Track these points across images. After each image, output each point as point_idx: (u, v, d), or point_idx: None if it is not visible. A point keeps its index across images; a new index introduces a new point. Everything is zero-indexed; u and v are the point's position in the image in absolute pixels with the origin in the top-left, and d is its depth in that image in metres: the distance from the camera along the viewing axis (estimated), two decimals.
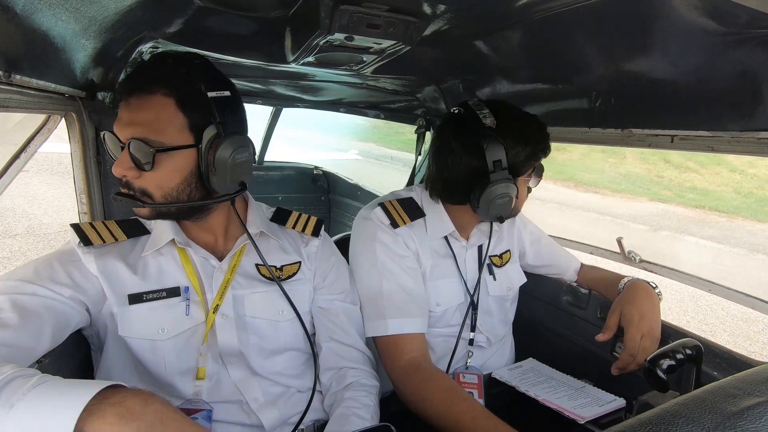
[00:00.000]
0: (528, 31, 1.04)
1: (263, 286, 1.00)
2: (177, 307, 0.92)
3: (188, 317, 0.93)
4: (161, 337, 0.90)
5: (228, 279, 0.96)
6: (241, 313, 0.97)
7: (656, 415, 0.44)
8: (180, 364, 0.91)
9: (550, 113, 1.41)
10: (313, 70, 1.38)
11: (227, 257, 0.98)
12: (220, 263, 0.97)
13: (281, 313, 1.00)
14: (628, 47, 0.99)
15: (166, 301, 0.92)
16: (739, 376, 0.50)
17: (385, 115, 2.31)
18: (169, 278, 0.94)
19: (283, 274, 1.03)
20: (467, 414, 0.94)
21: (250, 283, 1.00)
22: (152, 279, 0.93)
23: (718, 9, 0.75)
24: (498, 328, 1.33)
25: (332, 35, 0.97)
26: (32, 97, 0.88)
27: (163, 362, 0.90)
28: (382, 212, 1.20)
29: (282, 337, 1.00)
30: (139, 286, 0.91)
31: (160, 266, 0.94)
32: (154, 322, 0.90)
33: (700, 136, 1.06)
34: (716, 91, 0.95)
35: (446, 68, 1.47)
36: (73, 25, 0.86)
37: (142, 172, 0.85)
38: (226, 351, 0.94)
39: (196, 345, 0.93)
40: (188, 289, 0.94)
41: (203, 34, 1.12)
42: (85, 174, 1.20)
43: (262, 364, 0.97)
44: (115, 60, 1.15)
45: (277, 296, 1.00)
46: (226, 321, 0.95)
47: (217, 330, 0.94)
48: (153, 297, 0.91)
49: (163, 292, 0.92)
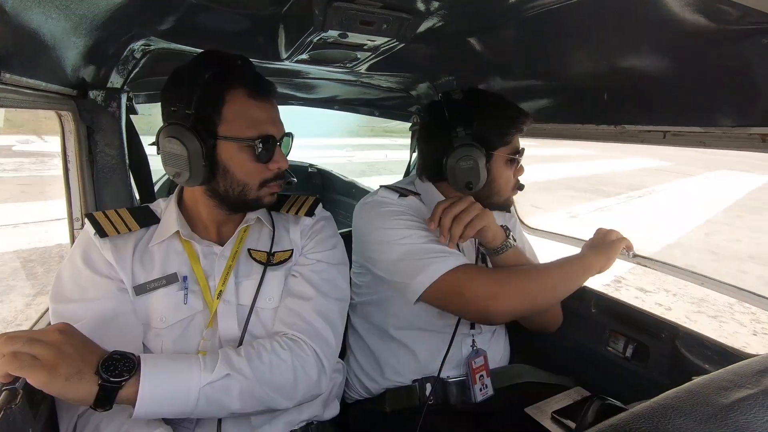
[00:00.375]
0: (521, 28, 1.04)
1: (254, 273, 1.01)
2: (175, 295, 0.94)
3: (186, 306, 0.94)
4: (161, 325, 0.92)
5: (230, 265, 0.98)
6: (240, 300, 0.98)
7: (649, 408, 0.44)
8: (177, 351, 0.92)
9: (543, 110, 1.41)
10: (307, 67, 1.38)
11: (228, 243, 1.00)
12: (222, 249, 0.99)
13: (269, 300, 1.00)
14: (621, 44, 1.00)
15: (165, 289, 0.93)
16: (731, 368, 0.51)
17: (380, 112, 2.31)
18: (171, 266, 0.96)
19: (274, 259, 1.04)
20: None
21: (246, 269, 1.01)
22: (156, 269, 0.95)
23: (709, 5, 0.75)
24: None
25: (326, 32, 0.97)
26: (24, 96, 0.87)
27: (161, 349, 0.91)
28: (385, 191, 1.23)
29: (269, 325, 0.98)
30: (144, 277, 0.93)
31: (164, 256, 0.96)
32: (156, 311, 0.92)
33: (692, 132, 1.06)
34: (708, 87, 0.96)
35: (440, 65, 1.47)
36: (63, 23, 0.85)
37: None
38: (226, 337, 0.95)
39: (192, 333, 0.93)
40: (186, 279, 0.95)
41: (195, 31, 1.12)
42: (79, 172, 1.19)
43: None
44: (107, 58, 1.13)
45: (265, 282, 1.00)
46: (227, 307, 0.96)
47: (219, 316, 0.95)
48: (155, 286, 0.93)
49: (163, 279, 0.94)
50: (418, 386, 1.20)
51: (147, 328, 0.92)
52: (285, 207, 1.12)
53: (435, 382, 1.19)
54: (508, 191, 1.24)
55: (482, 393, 1.21)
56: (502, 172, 1.20)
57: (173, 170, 0.93)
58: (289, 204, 1.13)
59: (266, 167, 0.96)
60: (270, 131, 0.94)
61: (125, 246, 0.94)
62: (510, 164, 1.21)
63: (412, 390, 1.20)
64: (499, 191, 1.22)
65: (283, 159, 0.97)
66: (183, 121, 0.89)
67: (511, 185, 1.24)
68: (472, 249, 1.30)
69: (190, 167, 0.90)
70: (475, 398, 1.19)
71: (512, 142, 1.19)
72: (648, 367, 1.26)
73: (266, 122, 0.94)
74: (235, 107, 0.91)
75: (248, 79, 0.93)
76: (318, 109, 2.42)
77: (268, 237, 1.07)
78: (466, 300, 1.04)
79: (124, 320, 0.90)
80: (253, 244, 1.04)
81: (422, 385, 1.20)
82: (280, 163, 0.96)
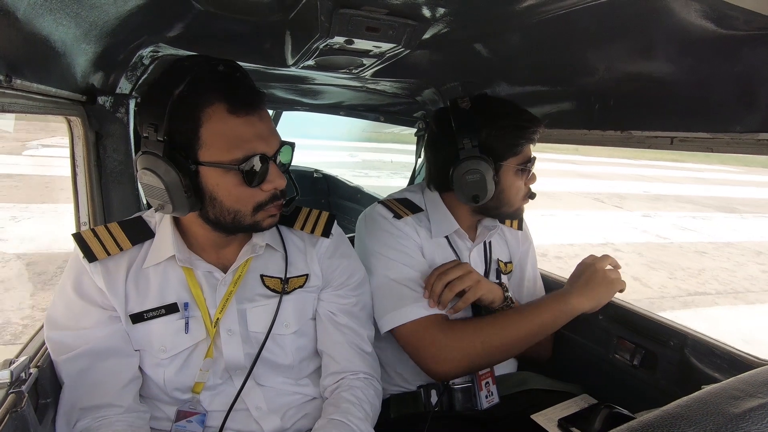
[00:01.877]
0: (527, 33, 1.04)
1: (266, 299, 0.97)
2: (175, 324, 0.90)
3: (188, 335, 0.90)
4: (162, 356, 0.90)
5: (231, 291, 0.93)
6: (246, 328, 0.95)
7: (658, 417, 0.43)
8: (178, 380, 0.91)
9: (549, 115, 1.41)
10: (313, 73, 1.39)
11: (231, 270, 0.94)
12: (224, 276, 0.94)
13: (285, 326, 0.97)
14: (627, 49, 0.99)
15: (165, 319, 0.90)
16: (742, 377, 0.50)
17: (385, 117, 2.31)
18: (170, 294, 0.91)
19: (288, 286, 0.98)
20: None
21: (254, 296, 0.96)
22: (153, 295, 0.90)
23: (715, 10, 0.75)
24: None
25: (332, 38, 0.97)
26: (34, 101, 0.89)
27: (162, 378, 0.90)
28: (382, 208, 1.22)
29: (287, 349, 0.98)
30: (140, 305, 0.90)
31: (161, 281, 0.91)
32: (155, 341, 0.90)
33: (699, 138, 1.06)
34: (715, 92, 0.95)
35: (445, 71, 1.48)
36: (74, 30, 0.87)
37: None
38: (232, 365, 0.93)
39: (195, 362, 0.92)
40: (188, 305, 0.91)
41: (203, 37, 1.13)
42: (87, 178, 1.21)
43: (267, 375, 0.96)
44: (116, 64, 1.15)
45: (280, 309, 0.96)
46: (231, 336, 0.93)
47: (223, 345, 0.92)
48: (153, 315, 0.90)
49: (162, 309, 0.90)
50: (424, 392, 1.19)
51: (146, 356, 0.90)
52: (298, 223, 1.04)
53: (441, 388, 1.18)
54: (518, 201, 1.22)
55: (488, 400, 1.20)
56: (512, 183, 1.17)
57: (156, 202, 0.83)
58: (302, 219, 1.05)
59: (259, 190, 0.84)
60: (259, 149, 0.81)
61: (117, 269, 0.89)
62: (521, 174, 1.18)
63: (417, 396, 1.19)
64: (509, 201, 1.20)
65: (278, 178, 0.85)
66: (155, 149, 0.78)
67: (522, 195, 1.21)
68: (481, 259, 1.29)
69: (171, 200, 0.80)
70: (480, 405, 1.18)
71: (523, 151, 1.16)
72: (656, 376, 1.24)
73: (253, 139, 0.81)
74: (214, 127, 0.78)
75: (228, 90, 0.79)
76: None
77: (281, 259, 0.99)
78: (417, 355, 1.09)
79: (117, 349, 0.88)
80: (264, 269, 0.97)
81: (428, 391, 1.19)
82: (275, 182, 0.84)
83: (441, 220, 1.23)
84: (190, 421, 0.91)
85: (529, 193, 1.23)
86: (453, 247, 1.24)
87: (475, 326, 1.09)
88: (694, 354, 1.15)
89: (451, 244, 1.24)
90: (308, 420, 0.99)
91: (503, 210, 1.21)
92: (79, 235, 0.88)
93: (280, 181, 0.85)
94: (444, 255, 1.22)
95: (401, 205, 1.24)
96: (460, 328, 1.09)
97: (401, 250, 1.15)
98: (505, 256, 1.37)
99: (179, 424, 0.91)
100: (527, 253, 1.43)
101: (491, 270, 1.30)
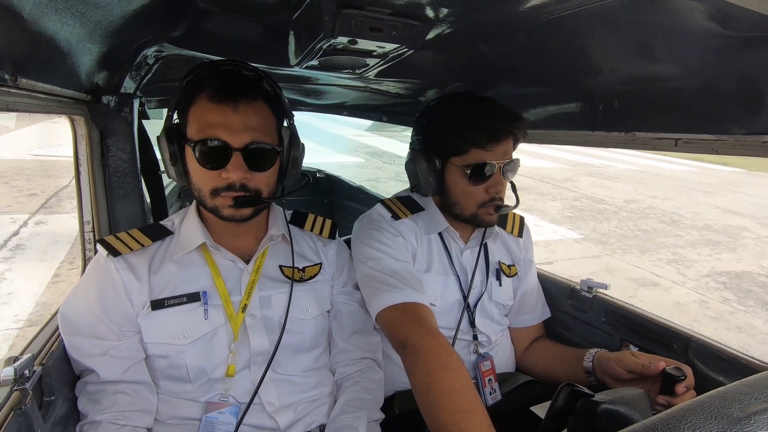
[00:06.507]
0: (531, 34, 1.04)
1: (286, 287, 1.03)
2: (196, 311, 0.95)
3: (207, 321, 0.95)
4: (182, 341, 0.93)
5: (253, 280, 1.00)
6: (269, 314, 1.00)
7: (661, 421, 0.43)
8: (203, 365, 0.93)
9: (553, 116, 1.40)
10: (317, 73, 1.39)
11: (253, 259, 1.02)
12: (247, 266, 1.01)
13: (306, 311, 1.05)
14: (631, 51, 0.99)
15: (186, 306, 0.94)
16: (746, 381, 0.50)
17: (388, 118, 2.31)
18: (193, 283, 0.97)
19: (306, 275, 1.08)
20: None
21: (274, 284, 1.03)
22: (176, 284, 0.96)
23: (721, 12, 0.74)
24: (498, 331, 1.33)
25: (335, 39, 0.97)
26: (39, 100, 0.89)
27: (185, 365, 0.93)
28: (382, 207, 1.25)
29: (309, 333, 1.04)
30: (163, 292, 0.94)
31: (186, 270, 0.97)
32: (175, 327, 0.93)
33: (704, 140, 1.05)
34: (720, 94, 0.95)
35: (449, 72, 1.47)
36: (78, 30, 0.87)
37: (254, 173, 0.92)
38: (256, 351, 0.97)
39: (218, 346, 0.95)
40: (206, 294, 0.96)
41: (207, 37, 1.13)
42: (91, 177, 1.21)
43: (288, 362, 1.00)
44: (121, 63, 1.15)
45: (301, 295, 1.04)
46: (255, 321, 0.98)
47: (249, 330, 0.97)
48: (174, 302, 0.94)
49: (184, 297, 0.95)
50: None
51: (167, 345, 0.93)
52: (308, 225, 1.16)
53: None
54: (471, 206, 1.17)
55: (492, 397, 1.21)
56: (456, 183, 1.16)
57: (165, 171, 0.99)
58: (311, 223, 1.18)
59: (217, 175, 0.91)
60: (217, 135, 0.88)
61: (140, 262, 0.96)
62: (474, 178, 1.13)
63: None
64: (458, 203, 1.18)
65: (235, 169, 0.89)
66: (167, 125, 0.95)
67: (477, 201, 1.16)
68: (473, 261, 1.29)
69: (166, 167, 0.96)
70: (485, 402, 1.18)
71: (467, 153, 1.13)
72: None
73: (217, 126, 0.88)
74: (195, 110, 0.91)
75: (213, 82, 0.90)
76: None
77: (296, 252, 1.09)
78: (391, 338, 1.02)
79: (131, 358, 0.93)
80: (281, 260, 1.07)
81: None
82: (230, 172, 0.89)
83: (431, 218, 1.26)
84: (222, 413, 0.92)
85: (494, 201, 1.16)
86: (446, 246, 1.27)
87: (435, 353, 0.91)
88: (698, 357, 1.15)
89: (445, 244, 1.27)
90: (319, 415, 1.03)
91: (456, 211, 1.20)
92: (103, 240, 0.97)
93: (235, 172, 0.90)
94: (436, 252, 1.25)
95: (402, 205, 1.26)
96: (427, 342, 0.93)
97: (389, 244, 1.16)
98: (508, 259, 1.37)
99: (210, 415, 0.92)
100: (530, 264, 1.42)
101: (491, 271, 1.31)
